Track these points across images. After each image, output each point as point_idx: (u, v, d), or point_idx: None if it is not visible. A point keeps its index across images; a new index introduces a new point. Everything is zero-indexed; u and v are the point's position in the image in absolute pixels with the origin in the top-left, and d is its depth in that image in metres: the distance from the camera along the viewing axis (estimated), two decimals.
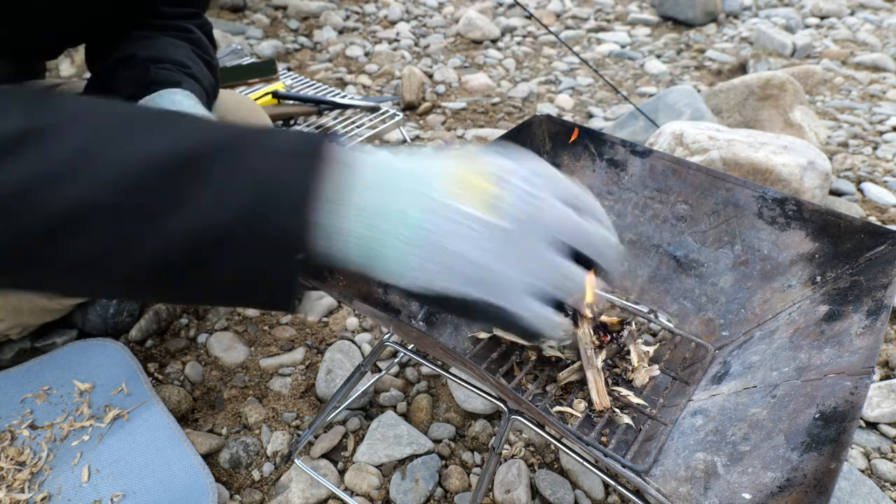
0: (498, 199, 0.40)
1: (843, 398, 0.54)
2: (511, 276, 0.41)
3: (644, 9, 2.87)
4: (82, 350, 0.92)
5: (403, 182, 0.41)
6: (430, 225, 0.39)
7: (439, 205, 0.40)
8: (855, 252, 0.71)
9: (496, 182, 0.41)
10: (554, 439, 0.64)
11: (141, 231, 0.37)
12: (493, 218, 0.40)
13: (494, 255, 0.40)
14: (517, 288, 0.41)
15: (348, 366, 0.96)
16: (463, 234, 0.40)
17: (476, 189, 0.40)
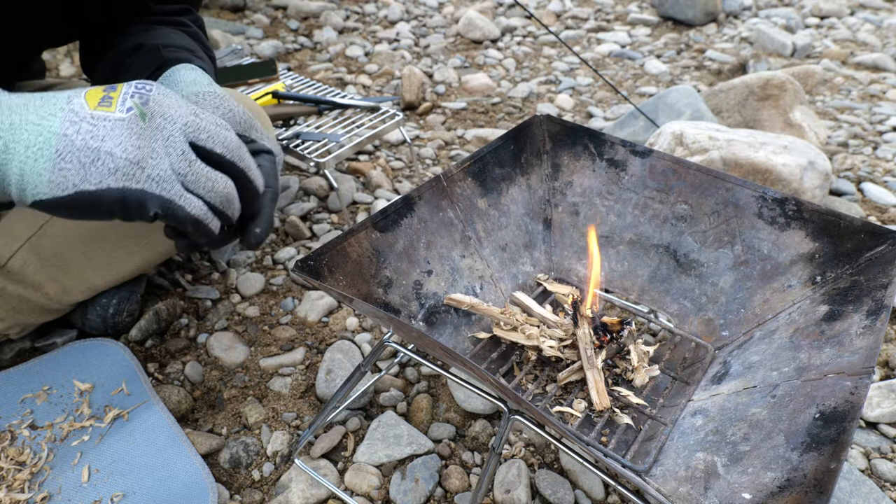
0: (116, 101, 0.46)
1: (843, 398, 0.54)
2: (161, 165, 0.46)
3: (644, 9, 2.86)
4: (82, 350, 0.92)
5: (30, 104, 0.44)
6: (64, 129, 0.43)
7: (74, 114, 0.44)
8: (855, 252, 0.71)
9: (113, 92, 0.47)
10: (554, 439, 0.64)
11: None
12: (116, 113, 0.45)
13: (138, 148, 0.45)
14: (166, 174, 0.46)
15: (348, 366, 0.96)
16: (96, 133, 0.44)
17: (97, 98, 0.46)
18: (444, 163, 1.62)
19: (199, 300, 1.09)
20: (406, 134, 1.41)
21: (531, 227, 0.92)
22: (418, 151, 1.64)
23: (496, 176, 0.88)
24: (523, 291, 0.87)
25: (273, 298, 1.12)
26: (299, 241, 1.27)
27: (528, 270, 0.90)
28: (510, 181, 0.90)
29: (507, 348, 0.78)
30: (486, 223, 0.86)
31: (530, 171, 0.92)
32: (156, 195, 0.45)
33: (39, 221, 0.86)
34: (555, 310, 0.84)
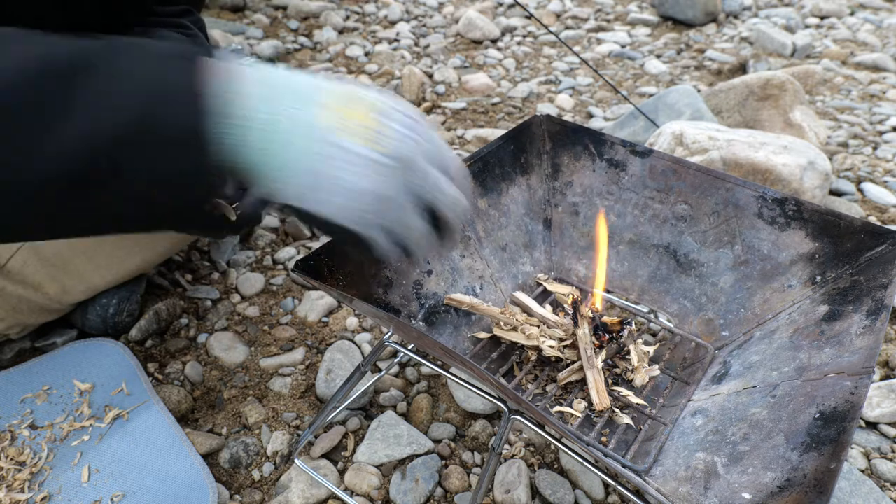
0: (379, 135, 0.43)
1: (843, 398, 0.54)
2: (387, 215, 0.45)
3: (644, 9, 2.86)
4: (82, 350, 0.92)
5: (292, 90, 0.42)
6: (323, 151, 0.42)
7: (333, 135, 0.42)
8: (855, 252, 0.71)
9: (378, 118, 0.44)
10: (554, 439, 0.64)
11: (24, 144, 0.36)
12: (374, 153, 0.43)
13: (374, 194, 0.44)
14: (387, 227, 0.46)
15: (348, 366, 0.96)
16: (352, 169, 0.42)
17: (361, 122, 0.43)
18: None
19: (199, 300, 1.09)
20: None
21: (531, 227, 0.92)
22: None
23: (496, 176, 0.88)
24: (523, 291, 0.87)
25: (273, 298, 1.12)
26: (299, 241, 1.27)
27: (528, 270, 0.90)
28: (510, 181, 0.90)
29: (507, 348, 0.78)
30: (486, 223, 0.86)
31: (530, 171, 0.92)
32: (374, 245, 0.46)
33: None
34: (555, 310, 0.84)
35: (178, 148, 0.38)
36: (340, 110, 0.43)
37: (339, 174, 0.42)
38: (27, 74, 0.37)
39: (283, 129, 0.41)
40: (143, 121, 0.38)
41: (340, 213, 0.44)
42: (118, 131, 0.37)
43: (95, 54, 0.38)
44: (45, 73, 0.37)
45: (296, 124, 0.41)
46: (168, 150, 0.38)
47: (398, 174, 0.44)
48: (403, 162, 0.44)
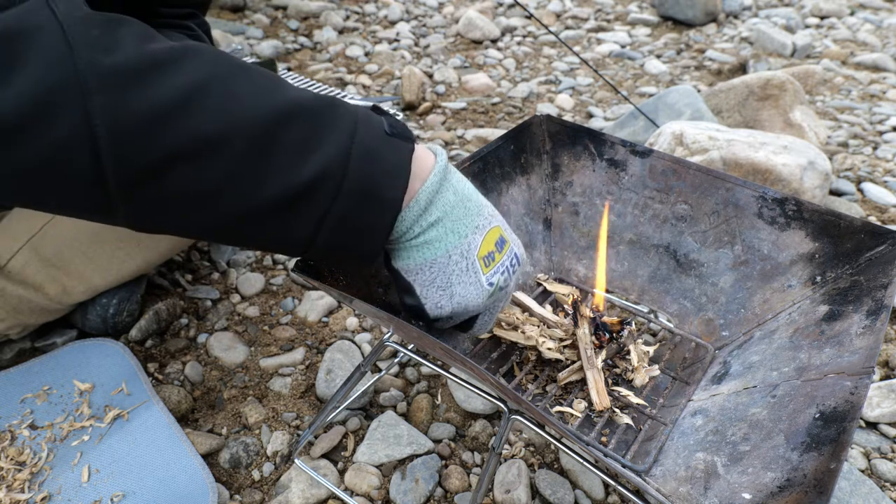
0: (494, 265, 0.55)
1: (843, 398, 0.54)
2: (461, 315, 0.57)
3: (644, 9, 2.86)
4: (82, 350, 0.92)
5: (464, 205, 0.52)
6: (453, 254, 0.52)
7: (467, 246, 0.52)
8: (855, 252, 0.71)
9: (500, 251, 0.55)
10: (554, 439, 0.64)
11: (267, 168, 0.41)
12: (484, 279, 0.54)
13: (465, 305, 0.55)
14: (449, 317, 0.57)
15: (348, 366, 0.96)
16: (463, 278, 0.53)
17: (488, 249, 0.55)
18: None
19: (199, 300, 1.09)
20: None
21: (531, 227, 0.92)
22: None
23: (496, 176, 0.88)
24: (523, 291, 0.87)
25: (273, 298, 1.12)
26: None
27: (528, 270, 0.90)
28: (510, 181, 0.90)
29: (507, 348, 0.78)
30: None
31: (530, 171, 0.92)
32: (435, 320, 0.57)
33: (40, 222, 0.86)
34: (555, 310, 0.84)
35: (378, 207, 0.46)
36: (486, 237, 0.54)
37: (458, 285, 0.53)
38: (289, 113, 0.43)
39: (447, 237, 0.51)
40: (364, 177, 0.44)
41: (437, 308, 0.54)
42: (340, 176, 0.43)
43: (344, 110, 0.46)
44: (306, 114, 0.43)
45: (457, 236, 0.51)
46: (369, 204, 0.45)
47: (490, 299, 0.56)
48: (498, 293, 0.56)
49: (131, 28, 0.41)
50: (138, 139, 0.38)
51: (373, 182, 0.45)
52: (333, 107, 0.45)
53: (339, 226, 0.45)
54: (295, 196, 0.42)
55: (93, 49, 0.37)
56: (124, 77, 0.37)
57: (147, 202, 0.41)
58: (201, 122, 0.39)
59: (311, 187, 0.43)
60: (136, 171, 0.39)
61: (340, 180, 0.43)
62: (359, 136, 0.45)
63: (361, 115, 0.47)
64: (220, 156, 0.40)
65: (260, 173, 0.41)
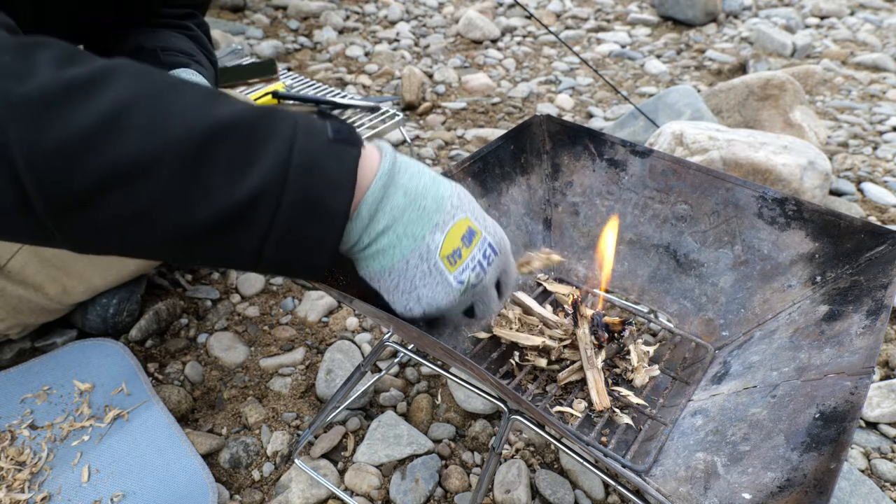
0: (462, 262, 0.52)
1: (843, 398, 0.54)
2: (438, 318, 0.56)
3: (644, 9, 2.87)
4: (82, 350, 0.92)
5: (415, 205, 0.49)
6: (411, 259, 0.49)
7: (426, 249, 0.50)
8: (855, 252, 0.71)
9: (469, 245, 0.52)
10: (554, 439, 0.64)
11: (201, 188, 0.40)
12: (451, 278, 0.51)
13: (436, 306, 0.53)
14: (425, 318, 0.55)
15: (348, 366, 0.96)
16: (426, 280, 0.51)
17: (453, 246, 0.51)
18: (444, 163, 1.61)
19: (199, 300, 1.09)
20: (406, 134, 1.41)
21: (531, 227, 0.92)
22: (418, 151, 1.64)
23: (496, 176, 0.88)
24: (523, 291, 0.87)
25: (273, 298, 1.12)
26: None
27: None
28: (510, 181, 0.90)
29: (507, 348, 0.78)
30: None
31: (530, 171, 0.92)
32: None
33: None
34: (555, 310, 0.84)
35: (323, 220, 0.44)
36: (448, 233, 0.51)
37: (422, 288, 0.51)
38: (219, 129, 0.41)
39: (401, 243, 0.49)
40: (305, 189, 0.43)
41: (406, 310, 0.52)
42: (277, 192, 0.42)
43: (278, 122, 0.44)
44: (239, 129, 0.41)
45: (412, 240, 0.49)
46: (313, 217, 0.44)
47: (460, 296, 0.53)
48: (469, 289, 0.53)
49: (49, 51, 0.38)
50: (59, 168, 0.36)
51: (314, 194, 0.43)
52: (268, 118, 0.43)
53: (283, 241, 0.43)
54: (234, 214, 0.41)
55: (4, 77, 0.36)
56: (38, 105, 0.36)
57: (81, 228, 0.40)
58: (126, 146, 0.37)
59: (250, 204, 0.41)
60: (63, 200, 0.37)
61: (280, 194, 0.41)
62: (298, 146, 0.43)
63: (301, 123, 0.44)
64: (150, 179, 0.38)
65: (194, 194, 0.40)
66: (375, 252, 0.49)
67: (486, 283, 0.54)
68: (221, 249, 0.43)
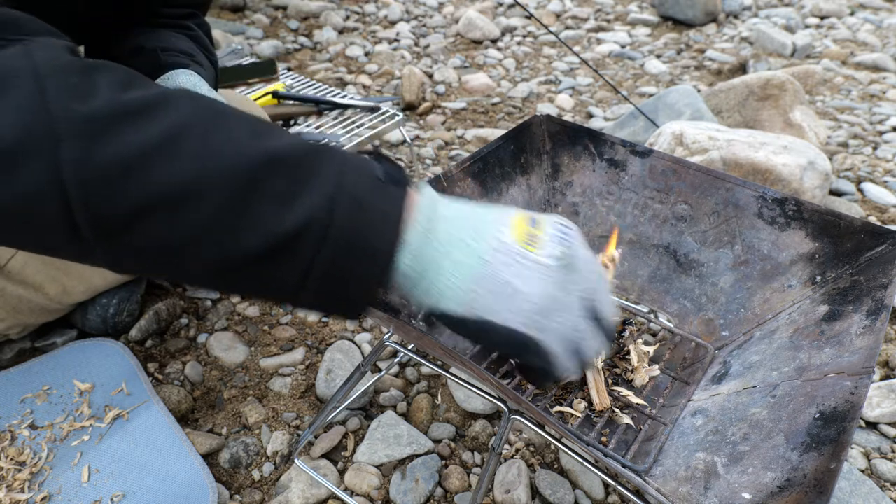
0: (541, 241, 0.46)
1: (843, 398, 0.54)
2: (566, 323, 0.46)
3: (644, 9, 2.87)
4: (82, 350, 0.92)
5: (468, 221, 0.46)
6: (488, 256, 0.44)
7: (498, 242, 0.45)
8: (855, 252, 0.71)
9: (538, 228, 0.47)
10: (554, 439, 0.64)
11: (246, 218, 0.40)
12: (540, 257, 0.45)
13: (552, 299, 0.45)
14: (564, 330, 0.46)
15: (348, 366, 0.96)
16: (516, 271, 0.44)
17: (523, 232, 0.46)
18: (444, 163, 1.62)
19: (199, 300, 1.09)
20: (406, 134, 1.42)
21: None
22: (418, 151, 1.64)
23: (496, 176, 0.88)
24: None
25: None
26: None
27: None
28: (510, 181, 0.90)
29: None
30: None
31: (530, 171, 0.92)
32: (549, 352, 0.46)
33: None
34: None
35: (368, 256, 0.43)
36: (512, 225, 0.47)
37: (516, 279, 0.44)
38: (266, 162, 0.40)
39: (471, 247, 0.45)
40: (351, 225, 0.42)
41: (511, 317, 0.44)
42: (325, 223, 0.41)
43: (325, 158, 0.43)
44: (286, 162, 0.41)
45: (480, 241, 0.45)
46: (358, 253, 0.42)
47: (560, 273, 0.46)
48: (563, 261, 0.46)
49: (111, 75, 0.39)
50: (110, 186, 0.37)
51: (360, 231, 0.42)
52: (318, 152, 0.43)
53: (326, 277, 0.42)
54: (279, 245, 0.40)
55: (68, 96, 0.37)
56: (99, 124, 0.37)
57: (123, 250, 0.40)
58: (178, 170, 0.38)
59: (296, 235, 0.40)
60: (109, 221, 0.38)
61: (326, 228, 0.41)
62: (346, 183, 0.42)
63: (351, 162, 0.44)
64: (199, 204, 0.38)
65: (241, 222, 0.40)
66: (454, 266, 0.45)
67: (579, 257, 0.47)
68: (263, 280, 0.43)
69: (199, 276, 0.43)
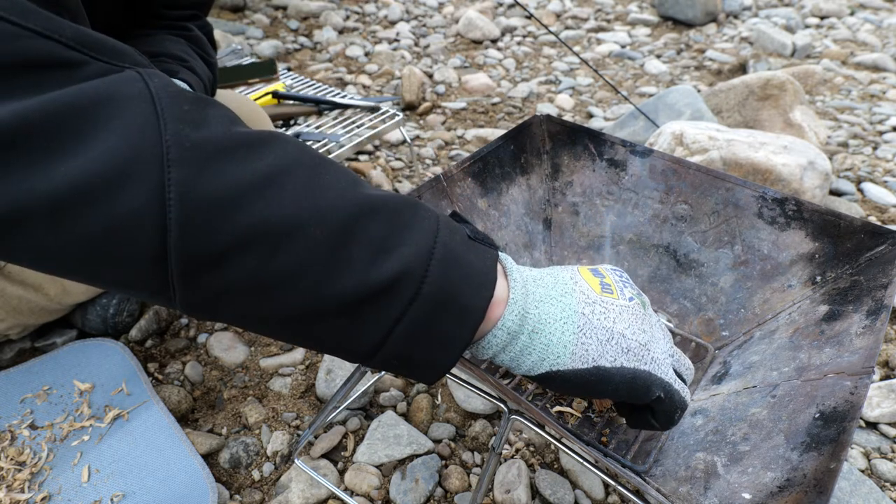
0: (613, 287, 0.49)
1: (843, 398, 0.54)
2: (661, 349, 0.48)
3: (644, 9, 2.87)
4: (82, 350, 0.92)
5: (548, 279, 0.48)
6: (583, 309, 0.46)
7: (585, 295, 0.47)
8: (855, 252, 0.71)
9: (604, 276, 0.50)
10: (554, 439, 0.64)
11: (342, 263, 0.39)
12: (622, 300, 0.48)
13: (643, 332, 0.48)
14: (665, 358, 0.48)
15: (348, 366, 0.96)
16: (610, 315, 0.47)
17: (596, 283, 0.49)
18: (444, 163, 1.62)
19: None
20: (406, 134, 1.42)
21: (531, 226, 0.92)
22: (418, 151, 1.64)
23: (496, 176, 0.88)
24: None
25: None
26: None
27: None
28: (510, 181, 0.90)
29: None
30: (486, 223, 0.86)
31: (530, 171, 0.92)
32: (659, 378, 0.47)
33: None
34: None
35: (460, 316, 0.42)
36: (584, 278, 0.49)
37: (614, 324, 0.46)
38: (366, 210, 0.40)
39: (562, 302, 0.46)
40: (446, 280, 0.41)
41: (620, 357, 0.46)
42: (420, 276, 0.40)
43: (426, 210, 0.43)
44: (384, 207, 0.41)
45: (568, 296, 0.47)
46: (450, 312, 0.41)
47: (640, 310, 0.49)
48: (639, 300, 0.50)
49: (220, 109, 0.40)
50: (212, 215, 0.36)
51: (455, 287, 0.41)
52: (415, 206, 0.42)
53: (413, 333, 0.41)
54: (369, 295, 0.39)
55: (182, 122, 0.36)
56: (208, 152, 0.36)
57: (208, 288, 0.38)
58: (279, 208, 0.37)
59: (388, 287, 0.39)
60: (203, 249, 0.36)
61: (420, 282, 0.40)
62: (441, 237, 0.42)
63: (443, 218, 0.44)
64: (294, 245, 0.37)
65: (335, 267, 0.39)
66: (557, 323, 0.45)
67: (644, 299, 0.51)
68: (345, 332, 0.41)
69: (280, 322, 0.41)
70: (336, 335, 0.41)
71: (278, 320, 0.40)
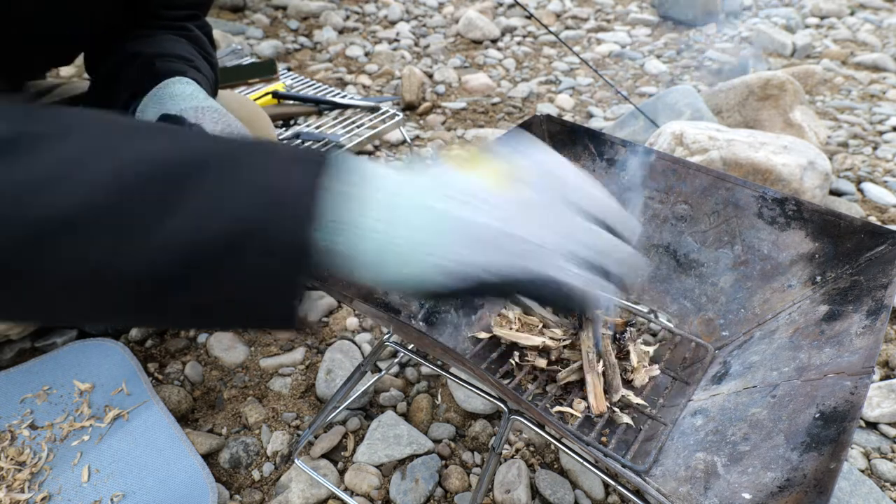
0: (514, 176, 0.39)
1: (843, 398, 0.54)
2: (543, 237, 0.38)
3: (644, 9, 2.86)
4: (82, 350, 0.92)
5: (410, 182, 0.39)
6: (444, 205, 0.37)
7: (454, 189, 0.38)
8: (855, 252, 0.71)
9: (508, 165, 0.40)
10: (554, 439, 0.64)
11: (133, 237, 0.35)
12: (512, 191, 0.38)
13: (521, 220, 0.38)
14: (554, 250, 0.38)
15: (348, 366, 0.96)
16: (482, 209, 0.37)
17: (489, 172, 0.39)
18: None
19: None
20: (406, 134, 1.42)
21: None
22: (418, 151, 1.64)
23: None
24: None
25: None
26: None
27: None
28: None
29: (507, 348, 0.78)
30: None
31: None
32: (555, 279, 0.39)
33: None
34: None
35: (279, 256, 0.37)
36: (466, 173, 0.40)
37: (481, 218, 0.37)
38: (138, 172, 0.36)
39: (393, 228, 0.38)
40: (248, 227, 0.36)
41: (494, 259, 0.37)
42: (218, 237, 0.36)
43: (215, 156, 0.37)
44: (154, 175, 0.36)
45: (411, 212, 0.38)
46: (270, 257, 0.37)
47: (548, 202, 0.39)
48: (548, 190, 0.40)
49: None
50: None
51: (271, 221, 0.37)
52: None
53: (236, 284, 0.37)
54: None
55: None
56: None
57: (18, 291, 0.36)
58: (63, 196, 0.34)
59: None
60: None
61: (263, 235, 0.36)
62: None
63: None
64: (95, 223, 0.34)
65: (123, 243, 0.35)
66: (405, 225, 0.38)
67: (559, 177, 0.40)
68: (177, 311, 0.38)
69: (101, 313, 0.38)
70: (166, 314, 0.38)
71: (96, 310, 0.38)
